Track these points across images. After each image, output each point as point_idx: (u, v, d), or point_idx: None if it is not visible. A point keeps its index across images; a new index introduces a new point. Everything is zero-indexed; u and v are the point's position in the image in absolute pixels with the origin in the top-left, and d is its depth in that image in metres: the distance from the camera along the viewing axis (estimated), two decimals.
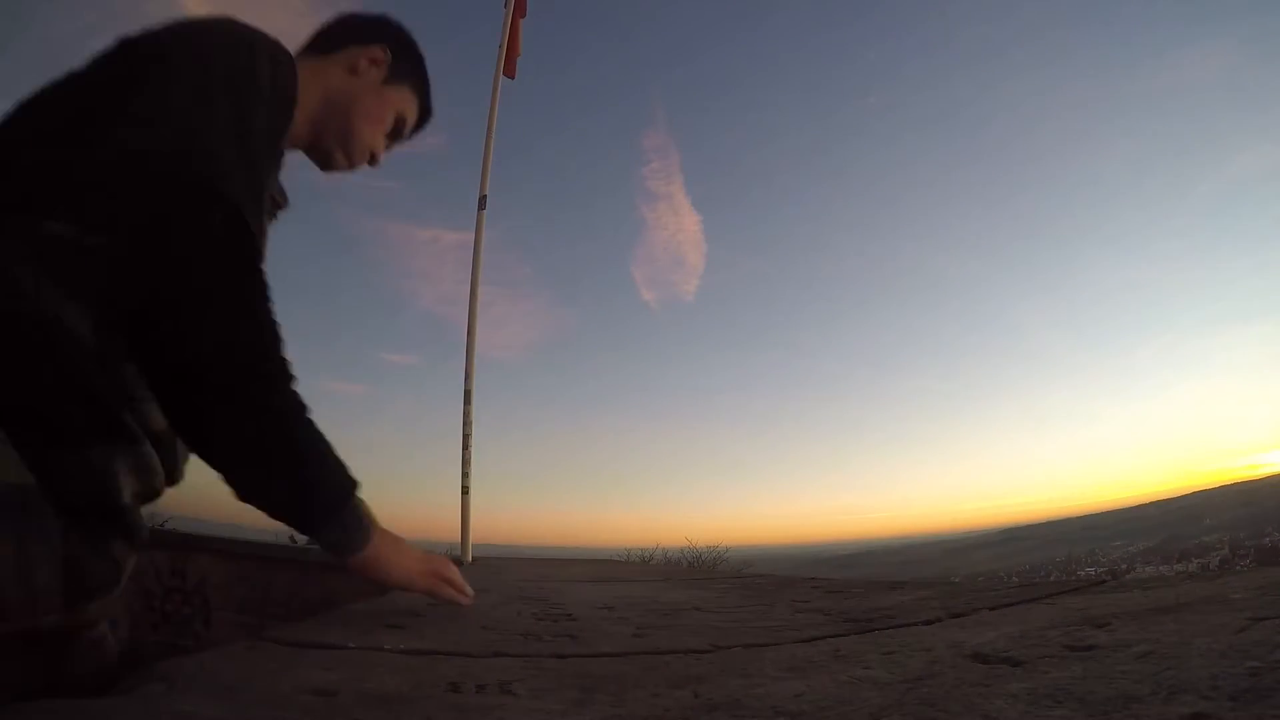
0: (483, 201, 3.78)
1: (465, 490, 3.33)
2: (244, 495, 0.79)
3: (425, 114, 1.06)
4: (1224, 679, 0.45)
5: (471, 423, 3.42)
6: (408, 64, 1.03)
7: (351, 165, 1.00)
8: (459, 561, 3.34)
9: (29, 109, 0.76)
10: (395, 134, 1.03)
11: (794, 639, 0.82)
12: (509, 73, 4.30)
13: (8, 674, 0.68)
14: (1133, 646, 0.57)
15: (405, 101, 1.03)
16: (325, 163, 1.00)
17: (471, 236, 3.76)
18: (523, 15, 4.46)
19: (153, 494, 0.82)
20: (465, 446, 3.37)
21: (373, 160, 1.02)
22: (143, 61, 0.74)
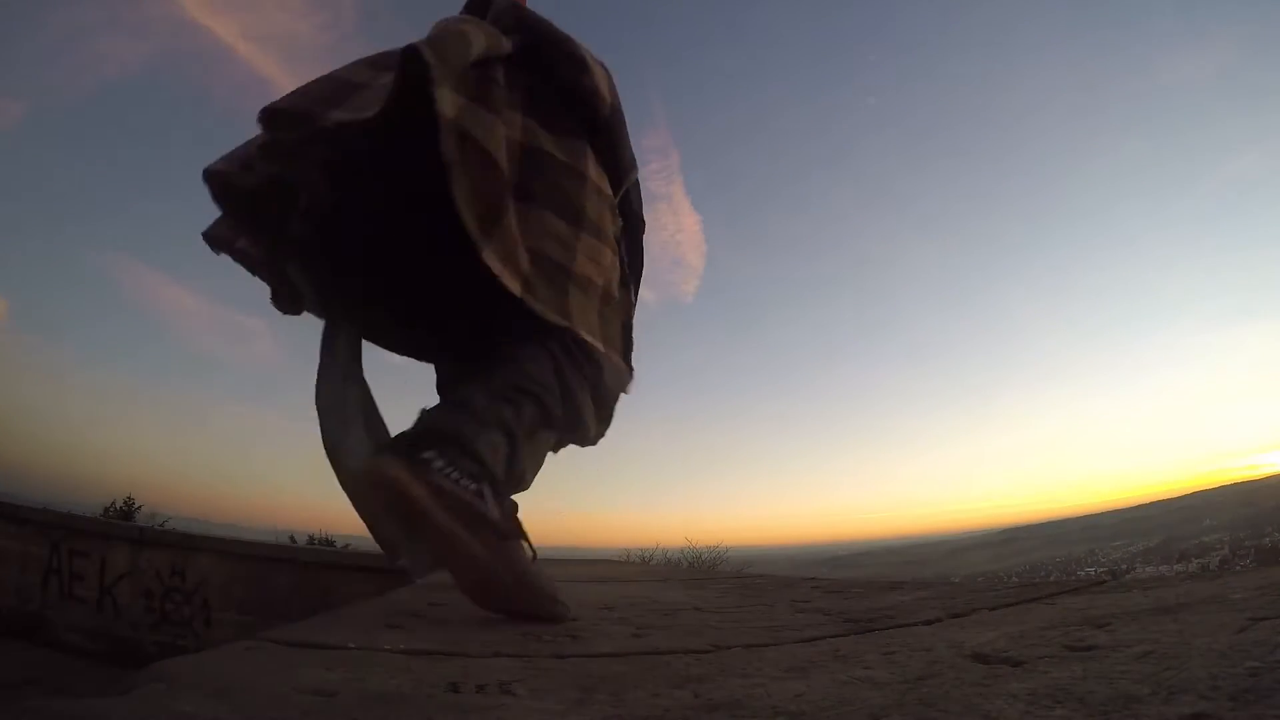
0: None
1: None
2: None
3: None
4: (1224, 679, 0.45)
5: None
6: None
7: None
8: None
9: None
10: None
11: (794, 639, 0.82)
12: None
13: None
14: (1133, 646, 0.57)
15: None
16: None
17: None
18: None
19: None
20: None
21: None
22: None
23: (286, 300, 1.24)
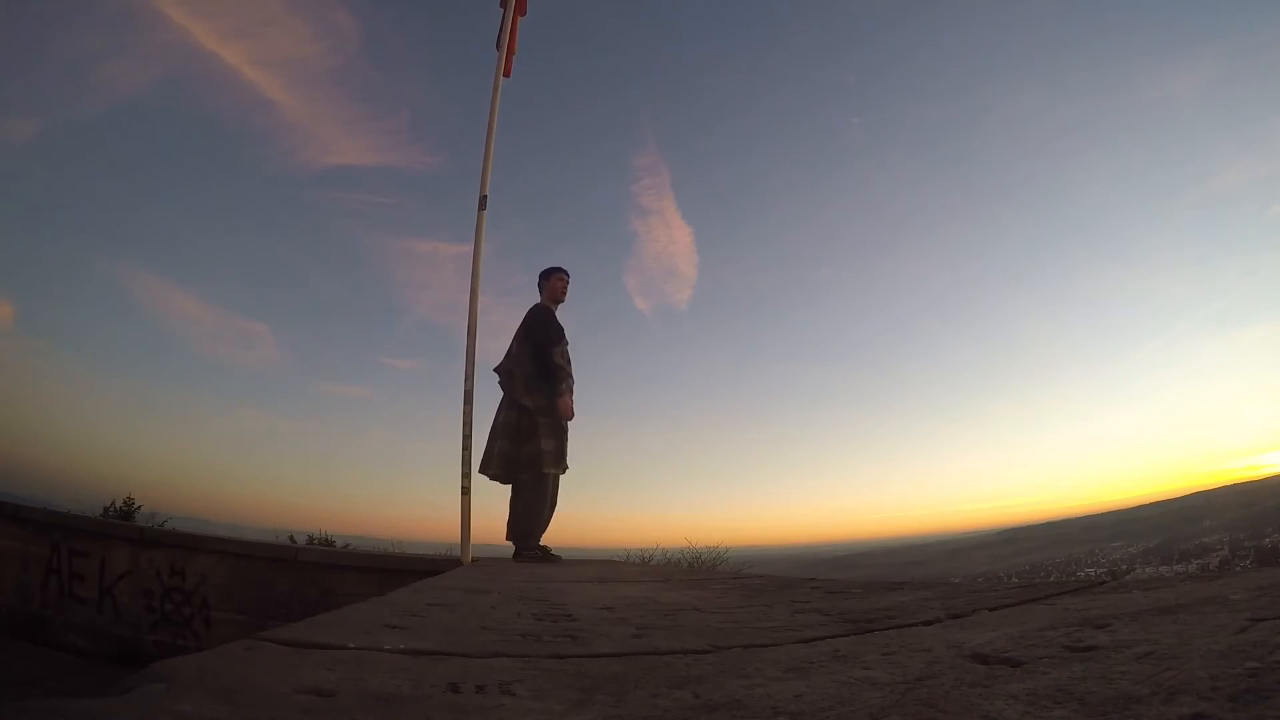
0: (483, 202, 3.77)
1: (465, 491, 3.33)
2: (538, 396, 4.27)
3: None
4: (1224, 679, 0.45)
5: (471, 423, 3.42)
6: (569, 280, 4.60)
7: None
8: (457, 562, 3.33)
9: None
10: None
11: (794, 640, 0.82)
12: (506, 72, 4.29)
13: None
14: (1133, 647, 0.57)
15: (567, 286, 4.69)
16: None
17: (469, 248, 3.76)
18: (522, 14, 4.45)
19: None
20: (465, 447, 3.37)
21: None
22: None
23: None
